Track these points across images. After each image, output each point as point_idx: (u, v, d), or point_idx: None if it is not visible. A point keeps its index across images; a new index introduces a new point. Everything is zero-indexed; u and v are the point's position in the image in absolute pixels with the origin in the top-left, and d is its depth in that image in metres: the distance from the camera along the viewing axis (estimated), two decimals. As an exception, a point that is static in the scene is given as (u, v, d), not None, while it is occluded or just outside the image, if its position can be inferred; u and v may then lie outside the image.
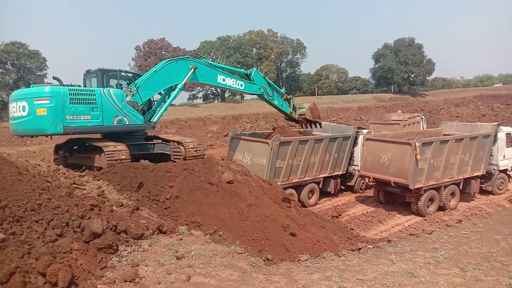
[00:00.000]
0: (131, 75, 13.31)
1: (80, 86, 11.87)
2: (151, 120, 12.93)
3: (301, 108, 17.91)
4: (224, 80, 14.75)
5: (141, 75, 13.11)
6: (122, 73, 13.09)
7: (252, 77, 15.92)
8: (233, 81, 15.10)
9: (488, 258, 6.35)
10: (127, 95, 11.85)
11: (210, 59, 15.13)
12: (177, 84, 13.52)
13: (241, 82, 15.39)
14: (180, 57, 13.97)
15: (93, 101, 11.00)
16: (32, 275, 4.33)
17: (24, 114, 10.64)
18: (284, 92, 18.64)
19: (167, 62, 13.23)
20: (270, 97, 16.45)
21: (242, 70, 16.59)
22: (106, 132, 12.00)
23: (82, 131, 11.26)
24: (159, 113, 13.18)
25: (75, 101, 10.66)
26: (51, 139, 13.11)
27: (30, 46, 46.89)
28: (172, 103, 14.48)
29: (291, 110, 17.76)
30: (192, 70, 13.45)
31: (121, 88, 12.25)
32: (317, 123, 18.30)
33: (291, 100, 17.90)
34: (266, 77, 16.92)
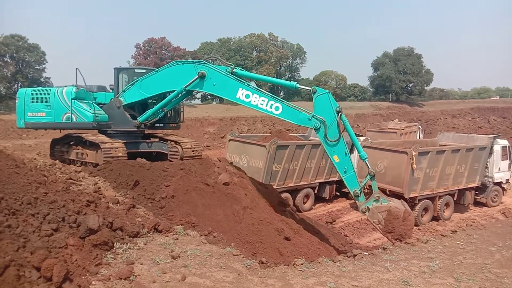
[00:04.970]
0: (144, 71, 12.77)
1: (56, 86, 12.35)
2: (137, 118, 12.11)
3: (379, 200, 10.08)
4: (247, 96, 10.34)
5: (154, 69, 12.25)
6: (136, 70, 13.21)
7: (314, 98, 10.03)
8: (262, 101, 10.23)
9: (482, 269, 6.37)
10: (75, 92, 11.91)
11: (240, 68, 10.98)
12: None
13: (277, 105, 10.17)
14: (192, 60, 12.03)
15: (47, 100, 12.02)
16: (27, 269, 4.30)
17: None
18: (366, 157, 10.62)
19: (173, 63, 11.79)
20: (328, 142, 9.78)
21: (292, 83, 10.80)
22: (58, 128, 12.84)
23: (39, 127, 12.88)
24: (148, 112, 11.98)
25: (35, 100, 12.10)
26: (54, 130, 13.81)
27: (30, 40, 46.79)
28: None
29: (361, 188, 10.09)
30: (198, 76, 10.69)
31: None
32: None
33: (370, 176, 10.25)
34: (343, 112, 9.91)
